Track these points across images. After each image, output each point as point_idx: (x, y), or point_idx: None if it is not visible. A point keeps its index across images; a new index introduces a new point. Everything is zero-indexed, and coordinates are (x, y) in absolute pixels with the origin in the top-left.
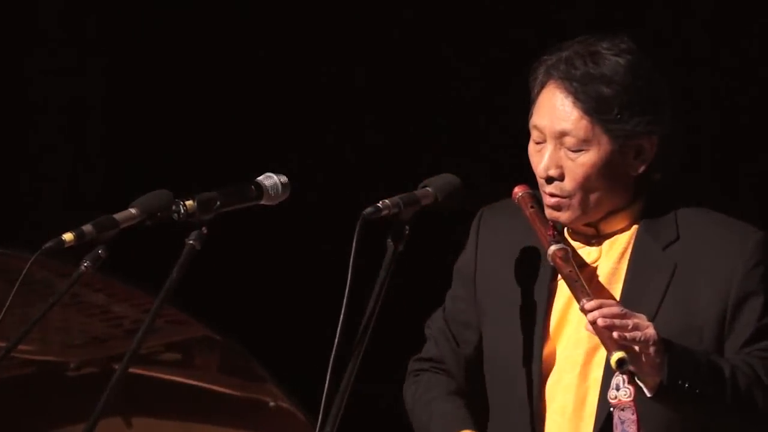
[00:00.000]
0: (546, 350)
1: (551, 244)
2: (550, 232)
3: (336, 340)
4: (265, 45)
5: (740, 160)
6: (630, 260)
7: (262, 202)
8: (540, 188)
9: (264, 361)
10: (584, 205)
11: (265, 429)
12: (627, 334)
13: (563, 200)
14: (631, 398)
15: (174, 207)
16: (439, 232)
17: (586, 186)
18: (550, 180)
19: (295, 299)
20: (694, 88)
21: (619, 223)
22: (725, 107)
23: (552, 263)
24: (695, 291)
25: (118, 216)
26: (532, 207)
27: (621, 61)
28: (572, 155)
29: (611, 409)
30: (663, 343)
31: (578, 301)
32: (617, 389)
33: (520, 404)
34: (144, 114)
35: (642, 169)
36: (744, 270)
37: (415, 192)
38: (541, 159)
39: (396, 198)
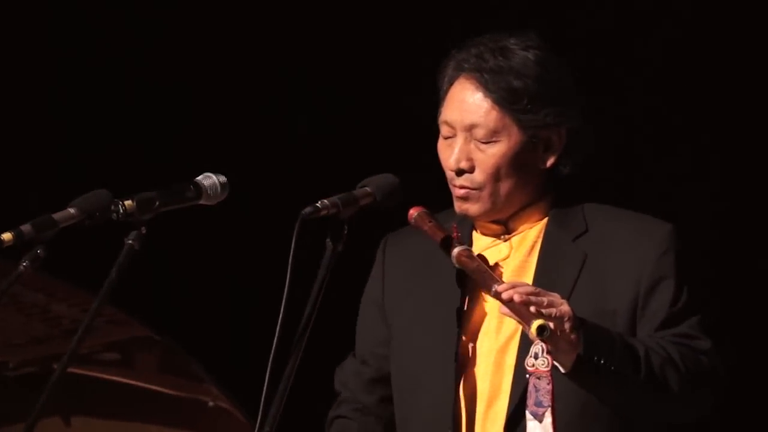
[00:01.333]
0: (461, 349)
1: (454, 247)
2: (455, 235)
3: (275, 340)
4: (197, 43)
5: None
6: (540, 253)
7: (201, 202)
8: (449, 183)
9: (203, 361)
10: (494, 197)
11: (204, 429)
12: (543, 310)
13: (473, 192)
14: (548, 368)
15: (113, 207)
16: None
17: (496, 177)
18: (460, 172)
19: (235, 299)
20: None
21: (528, 218)
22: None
23: (458, 265)
24: (606, 279)
25: (57, 216)
26: (430, 222)
27: (530, 55)
28: (483, 147)
29: (527, 375)
30: (578, 320)
31: (489, 289)
32: (535, 357)
33: (435, 406)
34: (82, 113)
35: (551, 162)
36: (655, 256)
37: (354, 192)
38: (452, 152)
39: (335, 198)
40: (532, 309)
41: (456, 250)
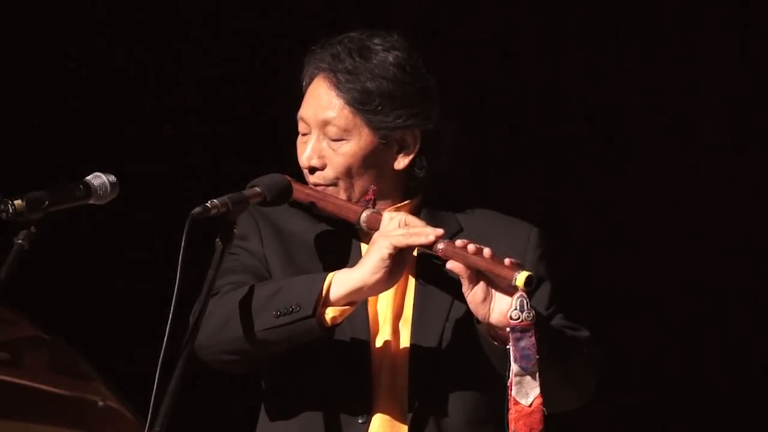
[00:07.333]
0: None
1: (366, 209)
2: (369, 197)
3: (165, 339)
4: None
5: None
6: (419, 251)
7: (91, 202)
8: (306, 179)
9: (93, 361)
10: (349, 192)
11: (94, 428)
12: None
13: (328, 188)
14: (533, 321)
15: (2, 206)
16: None
17: (347, 174)
18: (312, 170)
19: (125, 298)
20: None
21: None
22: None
23: (367, 229)
24: None
25: None
26: (310, 190)
27: (389, 57)
28: (334, 145)
29: (508, 329)
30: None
31: (427, 246)
32: (521, 309)
33: (353, 370)
34: None
35: (406, 163)
36: (535, 257)
37: (244, 191)
38: (305, 150)
39: (224, 197)
40: (507, 261)
41: (366, 213)
